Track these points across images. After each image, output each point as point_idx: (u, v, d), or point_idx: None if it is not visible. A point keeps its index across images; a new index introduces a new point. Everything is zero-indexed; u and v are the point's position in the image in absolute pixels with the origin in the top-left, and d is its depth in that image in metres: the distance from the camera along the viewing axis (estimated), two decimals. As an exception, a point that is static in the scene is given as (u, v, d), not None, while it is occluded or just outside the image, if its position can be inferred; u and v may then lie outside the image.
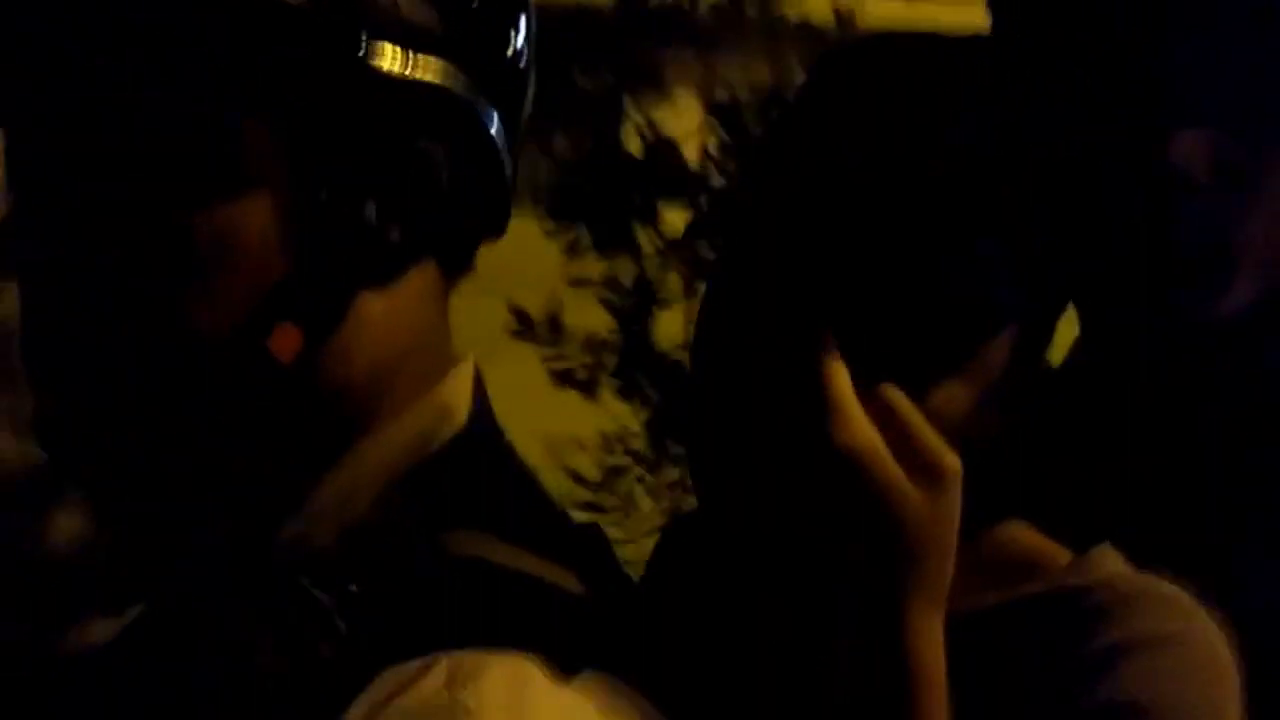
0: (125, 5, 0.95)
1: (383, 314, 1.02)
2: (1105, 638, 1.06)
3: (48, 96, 0.97)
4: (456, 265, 1.08)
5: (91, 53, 0.95)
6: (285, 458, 1.03)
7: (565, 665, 0.92)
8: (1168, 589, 1.09)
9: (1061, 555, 1.15)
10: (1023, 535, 1.18)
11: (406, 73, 0.98)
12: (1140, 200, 1.22)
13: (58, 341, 1.00)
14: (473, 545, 0.98)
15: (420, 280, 1.04)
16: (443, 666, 0.90)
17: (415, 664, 0.90)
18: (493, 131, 1.03)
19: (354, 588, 0.96)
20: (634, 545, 2.36)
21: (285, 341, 0.98)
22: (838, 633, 1.01)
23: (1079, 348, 1.39)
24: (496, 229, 1.08)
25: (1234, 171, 1.21)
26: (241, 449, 1.02)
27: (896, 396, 1.02)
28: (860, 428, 0.99)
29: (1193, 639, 1.07)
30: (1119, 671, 1.04)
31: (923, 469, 1.00)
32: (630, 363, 4.12)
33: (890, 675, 0.99)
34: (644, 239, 4.15)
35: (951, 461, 1.01)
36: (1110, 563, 1.13)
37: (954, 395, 1.06)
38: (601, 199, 4.05)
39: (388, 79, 0.98)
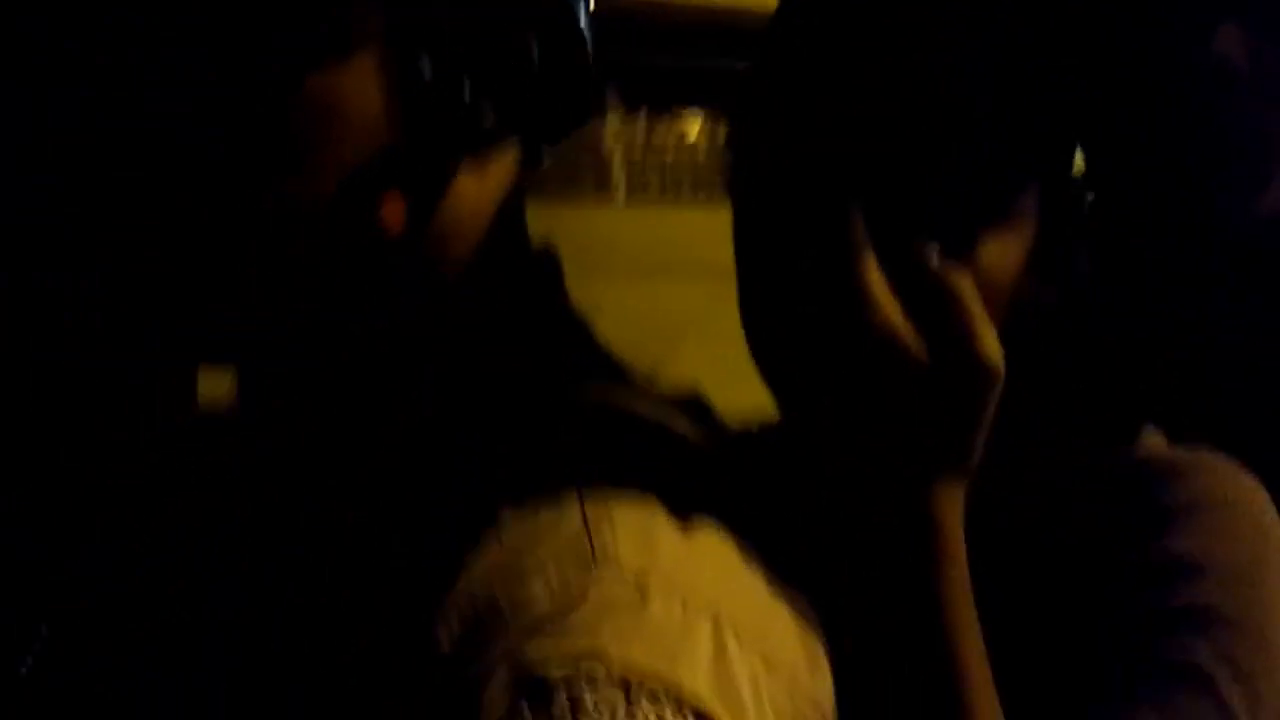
0: None
1: (475, 197, 1.03)
2: (1166, 499, 1.11)
3: None
4: (536, 159, 1.09)
5: None
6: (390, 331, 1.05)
7: (681, 510, 0.94)
8: (1218, 459, 1.14)
9: (1110, 433, 1.18)
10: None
11: None
12: (1179, 95, 1.23)
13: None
14: (593, 391, 1.01)
15: (505, 170, 1.06)
16: (575, 509, 0.92)
17: (540, 501, 0.93)
18: (582, 22, 1.05)
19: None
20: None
21: (393, 212, 0.99)
22: (865, 516, 1.03)
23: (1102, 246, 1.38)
24: (581, 119, 1.10)
25: (1271, 64, 1.21)
26: (350, 321, 1.03)
27: (961, 282, 1.03)
28: (887, 316, 1.01)
29: (1243, 502, 1.13)
30: (1178, 529, 1.09)
31: (961, 362, 1.01)
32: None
33: (912, 546, 1.02)
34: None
35: (995, 363, 1.03)
36: (1157, 441, 1.17)
37: (1003, 251, 1.07)
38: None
39: None
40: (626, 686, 0.86)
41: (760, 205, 1.11)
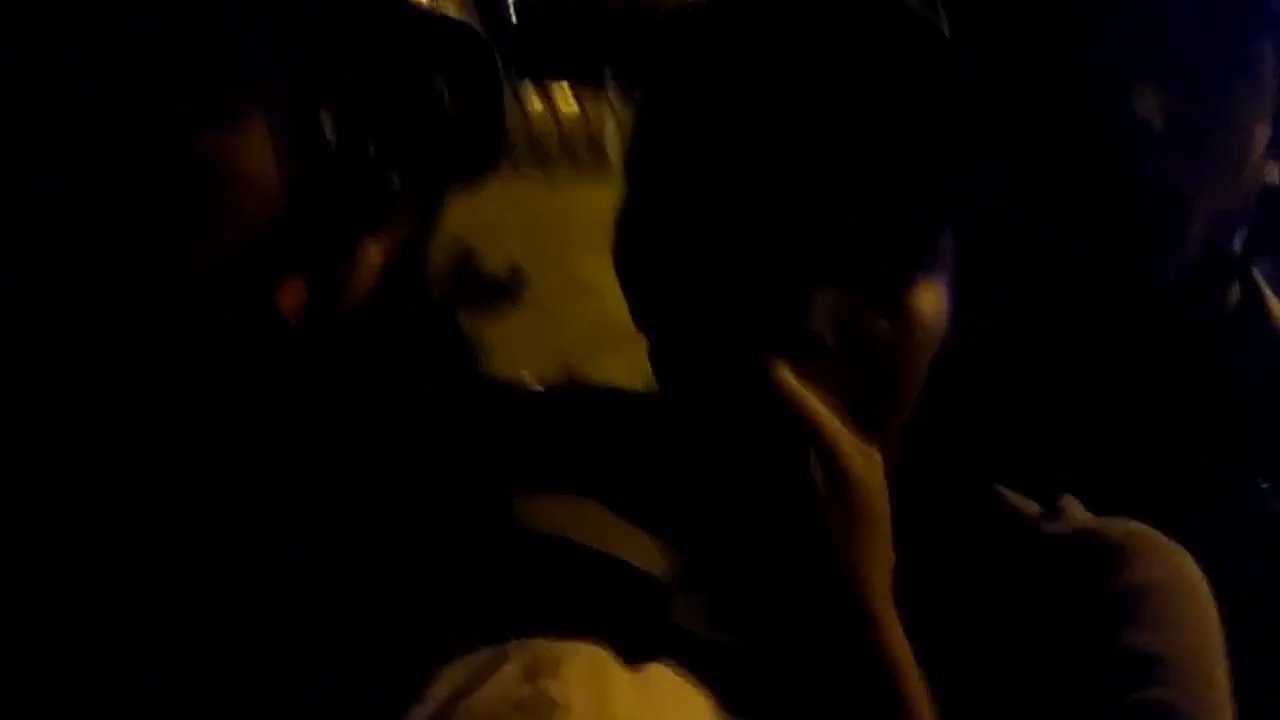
0: None
1: (376, 263, 1.01)
2: (1119, 584, 1.09)
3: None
4: (436, 211, 1.07)
5: None
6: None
7: (632, 656, 0.91)
8: (1153, 533, 1.12)
9: (1029, 504, 1.16)
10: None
11: (434, 6, 0.98)
12: (1098, 153, 1.24)
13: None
14: (556, 517, 0.97)
15: (409, 228, 1.03)
16: (516, 658, 0.89)
17: (481, 655, 0.89)
18: (501, 74, 1.03)
19: None
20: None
21: (291, 294, 0.97)
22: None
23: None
24: (493, 163, 1.07)
25: (1186, 122, 1.23)
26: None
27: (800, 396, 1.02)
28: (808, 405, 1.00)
29: (1187, 584, 1.11)
30: (1135, 619, 1.08)
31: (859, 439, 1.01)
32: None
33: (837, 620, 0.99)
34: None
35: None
36: (1080, 511, 1.15)
37: (928, 292, 1.06)
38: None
39: (416, 9, 0.97)
40: None
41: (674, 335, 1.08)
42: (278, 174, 0.95)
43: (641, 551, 0.96)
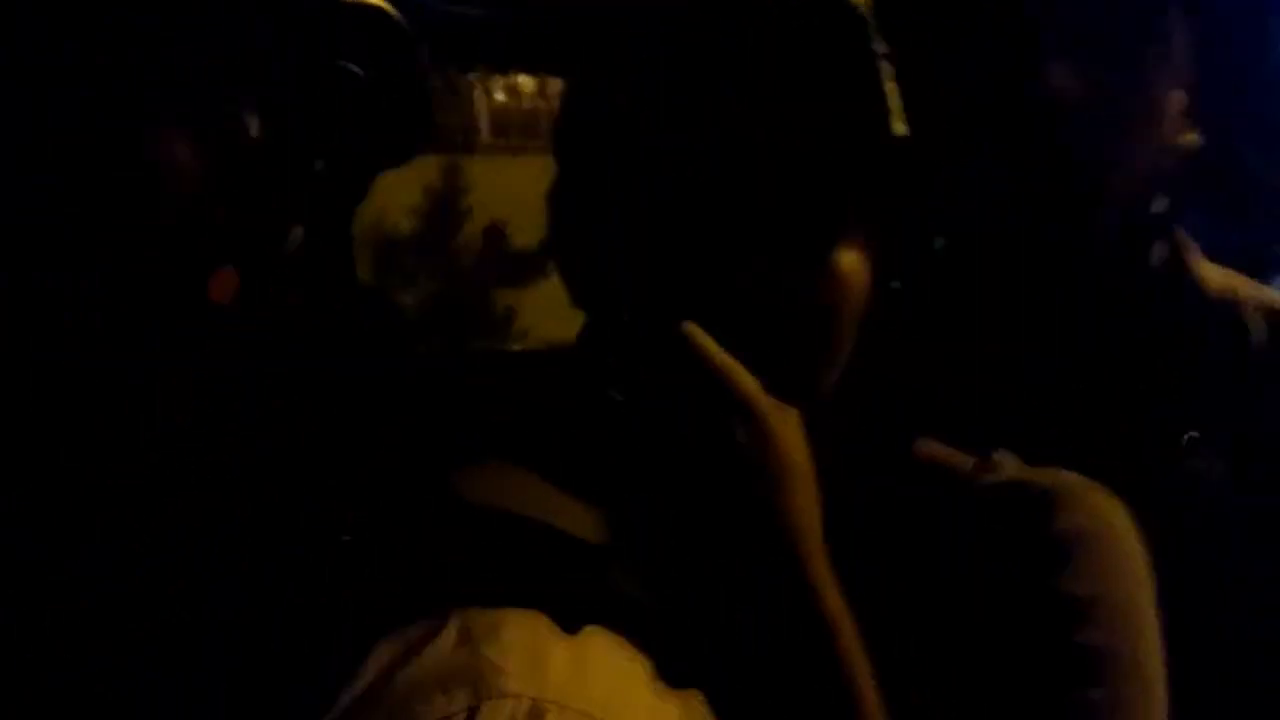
0: None
1: (305, 248, 1.03)
2: (1052, 532, 1.10)
3: None
4: (364, 191, 1.08)
5: None
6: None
7: (569, 623, 0.91)
8: (1084, 482, 1.14)
9: (962, 458, 1.17)
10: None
11: None
12: (1018, 124, 1.28)
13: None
14: (492, 488, 0.98)
15: (333, 211, 1.06)
16: (453, 626, 0.89)
17: (417, 626, 0.89)
18: (421, 58, 1.04)
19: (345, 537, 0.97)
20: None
21: (222, 285, 0.99)
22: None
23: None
24: (410, 154, 1.08)
25: (1101, 93, 1.27)
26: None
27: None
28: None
29: (1118, 532, 1.12)
30: (1069, 568, 1.10)
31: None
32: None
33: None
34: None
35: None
36: (1012, 463, 1.17)
37: (853, 251, 1.06)
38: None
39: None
40: None
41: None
42: (200, 169, 0.97)
43: (576, 520, 0.97)
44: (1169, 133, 1.33)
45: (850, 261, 1.05)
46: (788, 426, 1.01)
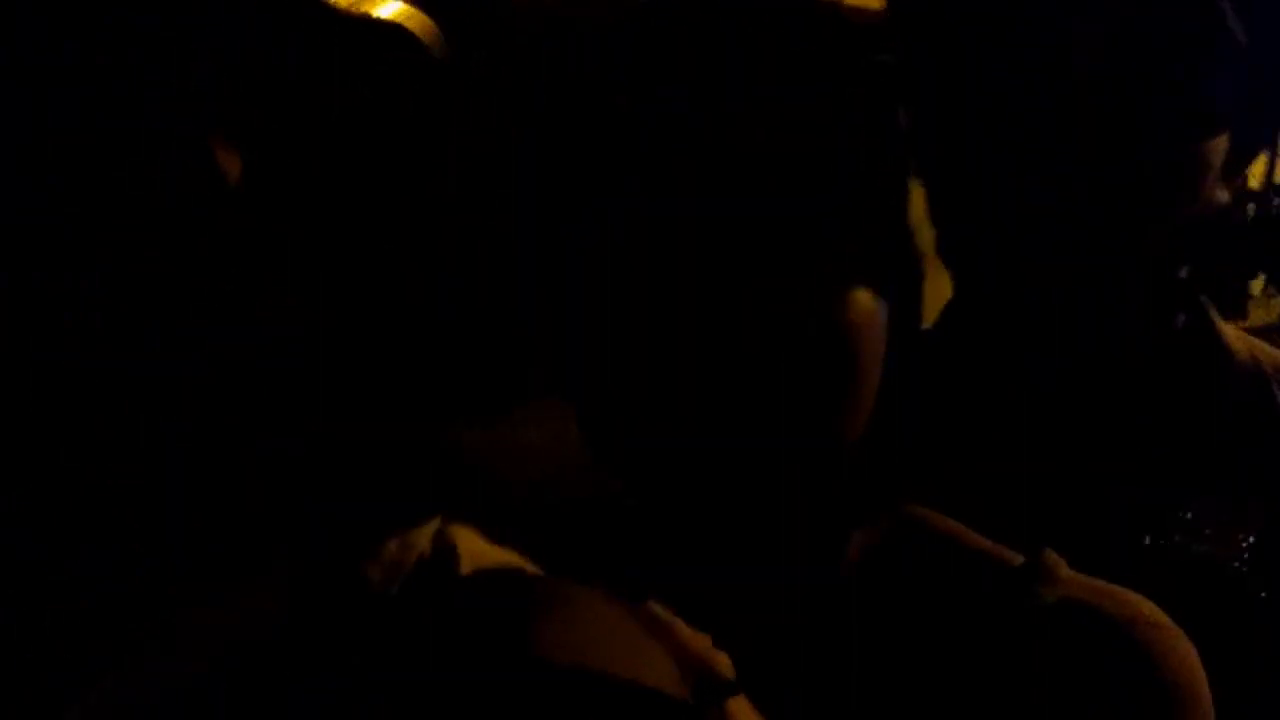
0: None
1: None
2: (1133, 679, 1.04)
3: None
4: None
5: None
6: None
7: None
8: (1160, 615, 1.07)
9: (1000, 553, 1.10)
10: (942, 522, 1.15)
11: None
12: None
13: None
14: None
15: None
16: None
17: None
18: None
19: None
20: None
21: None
22: None
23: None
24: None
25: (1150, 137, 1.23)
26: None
27: None
28: None
29: (1199, 677, 1.06)
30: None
31: None
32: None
33: None
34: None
35: None
36: (1066, 570, 1.09)
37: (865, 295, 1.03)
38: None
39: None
40: None
41: None
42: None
43: (660, 664, 0.95)
44: (1209, 187, 1.28)
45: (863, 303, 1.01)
46: None
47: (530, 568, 0.98)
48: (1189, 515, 1.30)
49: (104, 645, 1.04)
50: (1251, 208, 1.44)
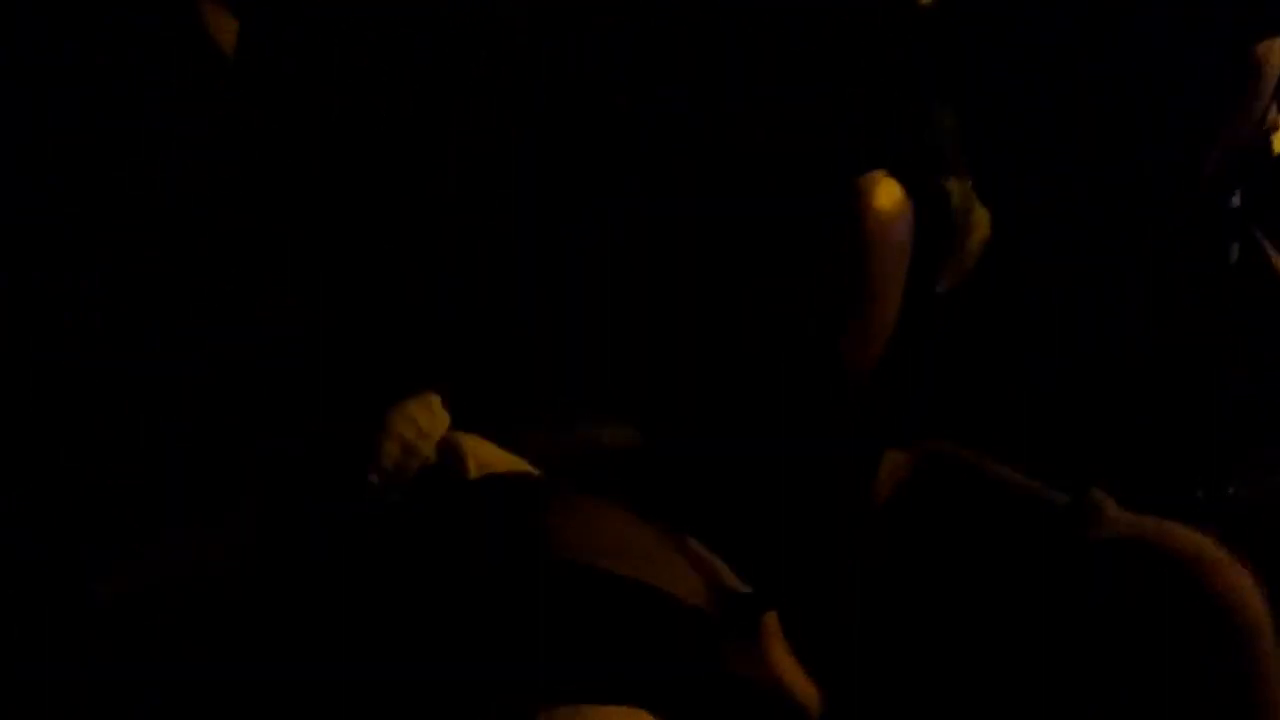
0: None
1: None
2: (1191, 607, 1.03)
3: None
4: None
5: None
6: None
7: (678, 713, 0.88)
8: (1217, 549, 1.05)
9: (1048, 495, 1.09)
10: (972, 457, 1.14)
11: None
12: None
13: None
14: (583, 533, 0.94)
15: None
16: None
17: None
18: None
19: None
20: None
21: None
22: None
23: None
24: None
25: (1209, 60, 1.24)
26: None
27: None
28: None
29: (1259, 605, 1.06)
30: (1216, 649, 1.03)
31: None
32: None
33: None
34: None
35: None
36: (1113, 508, 1.08)
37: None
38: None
39: None
40: None
41: None
42: None
43: (680, 575, 0.93)
44: (1252, 129, 1.28)
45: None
46: None
47: (543, 476, 0.97)
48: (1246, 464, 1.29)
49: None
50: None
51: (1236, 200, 1.32)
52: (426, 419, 1.01)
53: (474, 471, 0.98)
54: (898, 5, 1.09)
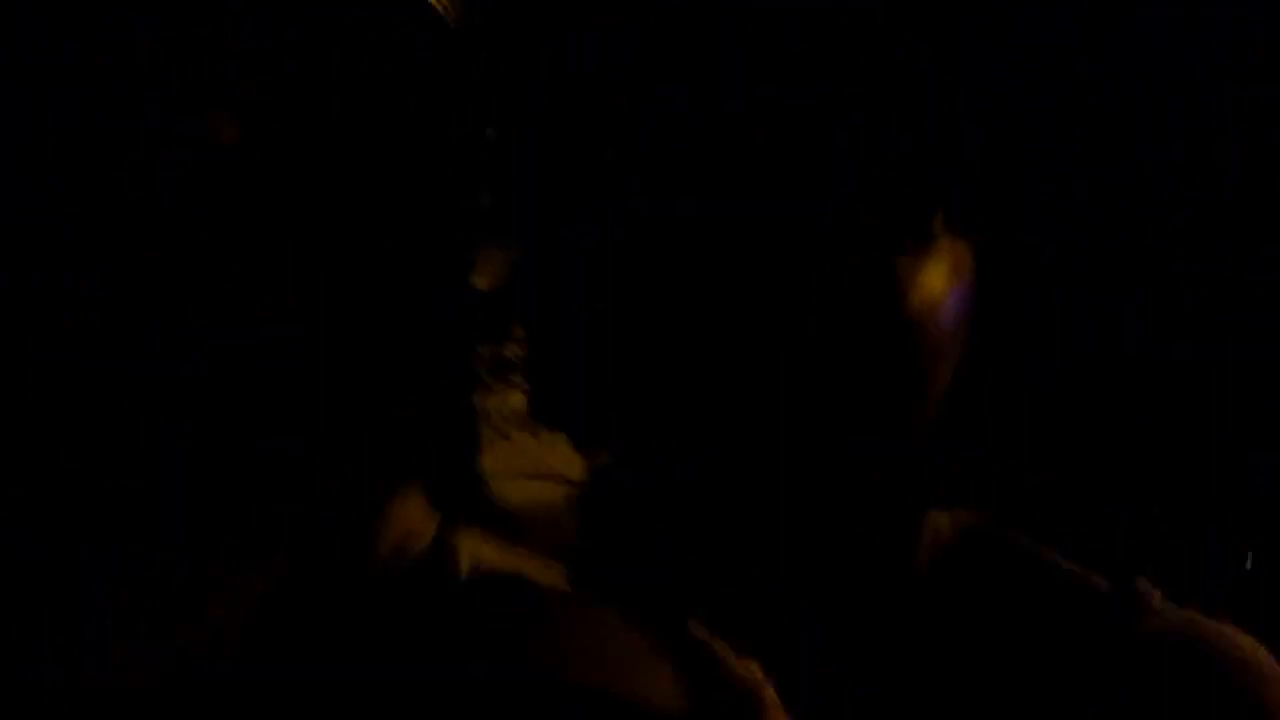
0: None
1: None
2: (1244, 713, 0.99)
3: None
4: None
5: None
6: None
7: None
8: (1254, 648, 1.03)
9: (1087, 579, 1.05)
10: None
11: None
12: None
13: None
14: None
15: None
16: None
17: None
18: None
19: None
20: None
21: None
22: None
23: None
24: None
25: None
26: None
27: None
28: None
29: None
30: None
31: None
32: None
33: None
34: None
35: None
36: (1159, 599, 1.04)
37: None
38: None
39: None
40: None
41: None
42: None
43: (664, 683, 0.92)
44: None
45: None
46: None
47: (537, 575, 0.98)
48: None
49: (104, 642, 1.05)
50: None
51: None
52: (420, 514, 1.01)
53: (465, 567, 0.99)
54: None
